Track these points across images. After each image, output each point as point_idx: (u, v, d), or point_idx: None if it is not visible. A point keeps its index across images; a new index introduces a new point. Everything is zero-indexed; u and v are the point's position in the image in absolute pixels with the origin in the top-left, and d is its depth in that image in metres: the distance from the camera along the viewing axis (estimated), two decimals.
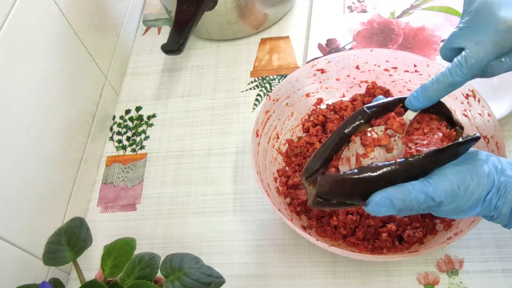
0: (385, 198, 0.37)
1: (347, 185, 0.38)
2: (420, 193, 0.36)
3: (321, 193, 0.39)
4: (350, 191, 0.38)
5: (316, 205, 0.40)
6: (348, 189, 0.38)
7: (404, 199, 0.36)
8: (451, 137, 0.41)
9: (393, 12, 0.75)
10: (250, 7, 0.72)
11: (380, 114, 0.44)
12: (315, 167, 0.42)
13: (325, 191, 0.39)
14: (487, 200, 0.37)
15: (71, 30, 0.61)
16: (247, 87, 0.72)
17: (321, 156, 0.42)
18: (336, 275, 0.53)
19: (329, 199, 0.39)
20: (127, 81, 0.77)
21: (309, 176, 0.42)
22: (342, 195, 0.39)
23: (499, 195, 0.37)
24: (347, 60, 0.60)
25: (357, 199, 0.38)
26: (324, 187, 0.38)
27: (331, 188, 0.38)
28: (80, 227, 0.46)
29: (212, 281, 0.43)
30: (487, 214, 0.38)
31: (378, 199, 0.37)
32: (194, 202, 0.62)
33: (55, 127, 0.57)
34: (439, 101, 0.42)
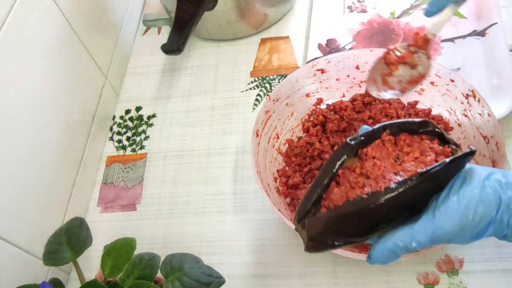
0: (386, 251, 0.35)
1: (335, 223, 0.36)
2: (423, 234, 0.34)
3: (312, 236, 0.37)
4: (340, 229, 0.36)
5: (312, 249, 0.38)
6: (337, 227, 0.36)
7: (407, 247, 0.34)
8: (446, 153, 0.38)
9: (393, 12, 0.75)
10: (250, 7, 0.72)
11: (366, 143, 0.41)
12: (306, 208, 0.39)
13: (315, 233, 0.37)
14: (498, 219, 0.34)
15: (71, 30, 0.61)
16: (247, 87, 0.72)
17: (310, 197, 0.40)
18: (336, 275, 0.53)
19: (322, 240, 0.37)
20: (127, 81, 0.77)
21: (301, 219, 0.39)
22: (333, 235, 0.37)
23: (510, 212, 0.34)
24: (347, 60, 0.60)
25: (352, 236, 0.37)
26: (312, 230, 0.37)
27: (320, 229, 0.37)
28: (80, 227, 0.46)
29: (212, 281, 0.43)
30: (500, 234, 0.35)
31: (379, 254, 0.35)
32: (194, 202, 0.62)
33: (55, 127, 0.57)
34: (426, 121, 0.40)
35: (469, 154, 0.35)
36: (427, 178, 0.34)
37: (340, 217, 0.36)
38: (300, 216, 0.40)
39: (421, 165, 0.37)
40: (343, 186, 0.39)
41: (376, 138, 0.41)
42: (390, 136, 0.40)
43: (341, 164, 0.40)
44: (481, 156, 0.51)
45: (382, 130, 0.41)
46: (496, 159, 0.48)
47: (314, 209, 0.39)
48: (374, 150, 0.40)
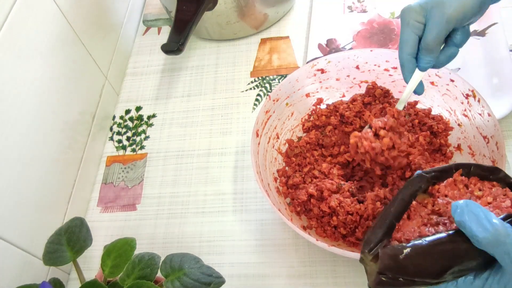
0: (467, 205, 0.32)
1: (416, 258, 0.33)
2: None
3: (384, 269, 0.33)
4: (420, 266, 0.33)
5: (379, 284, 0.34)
6: (417, 263, 0.33)
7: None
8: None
9: (393, 12, 0.75)
10: (250, 7, 0.72)
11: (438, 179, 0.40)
12: (377, 237, 0.36)
13: (388, 267, 0.33)
14: None
15: (71, 30, 0.61)
16: (247, 87, 0.72)
17: (383, 225, 0.37)
18: (336, 275, 0.53)
19: (394, 277, 0.33)
20: (127, 81, 0.77)
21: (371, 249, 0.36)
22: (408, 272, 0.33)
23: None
24: (347, 60, 0.60)
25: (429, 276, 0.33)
26: (387, 262, 0.33)
27: (394, 263, 0.33)
28: (80, 227, 0.46)
29: (212, 281, 0.43)
30: None
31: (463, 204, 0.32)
32: (194, 202, 0.62)
33: (55, 127, 0.57)
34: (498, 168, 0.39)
35: None
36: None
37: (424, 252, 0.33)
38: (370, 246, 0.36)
39: (497, 210, 0.36)
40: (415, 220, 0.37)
41: (448, 176, 0.40)
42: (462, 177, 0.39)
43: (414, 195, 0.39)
44: (481, 156, 0.51)
45: (454, 169, 0.40)
46: (496, 159, 0.48)
47: (386, 241, 0.36)
48: (446, 188, 0.39)
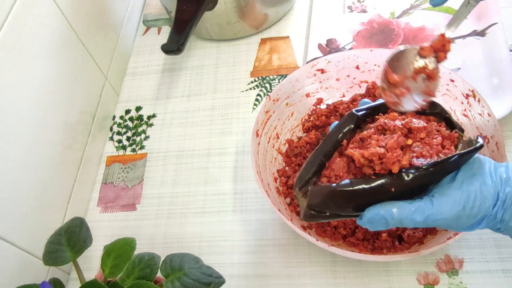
0: (379, 216, 0.35)
1: (339, 197, 0.36)
2: (420, 214, 0.35)
3: (313, 205, 0.37)
4: (343, 203, 0.37)
5: (309, 218, 0.38)
6: (340, 200, 0.36)
7: (401, 219, 0.35)
8: (453, 139, 0.38)
9: (393, 12, 0.75)
10: (250, 7, 0.72)
11: (369, 116, 0.42)
12: (308, 175, 0.40)
13: (317, 203, 0.37)
14: (493, 213, 0.35)
15: (71, 30, 0.61)
16: (247, 87, 0.72)
17: (313, 164, 0.40)
18: (336, 275, 0.53)
19: (321, 210, 0.37)
20: (127, 81, 0.77)
21: (302, 186, 0.40)
22: (334, 207, 0.37)
23: (505, 208, 0.35)
24: (347, 60, 0.60)
25: (351, 211, 0.37)
26: (315, 198, 0.37)
27: (322, 199, 0.37)
28: (80, 227, 0.46)
29: (212, 281, 0.43)
30: (493, 227, 0.36)
31: (371, 216, 0.35)
32: (194, 202, 0.62)
33: (55, 127, 0.57)
34: (434, 102, 0.40)
35: (477, 149, 0.36)
36: (437, 169, 0.35)
37: (346, 192, 0.36)
38: (301, 183, 0.40)
39: (427, 147, 0.37)
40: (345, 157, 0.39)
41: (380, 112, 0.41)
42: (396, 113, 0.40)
43: (347, 132, 0.40)
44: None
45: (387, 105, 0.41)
46: (496, 159, 0.48)
47: (316, 178, 0.39)
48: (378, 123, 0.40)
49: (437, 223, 0.35)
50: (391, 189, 0.35)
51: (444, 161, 0.35)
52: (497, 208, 0.35)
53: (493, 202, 0.35)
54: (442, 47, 0.39)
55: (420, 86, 0.40)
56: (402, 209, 0.35)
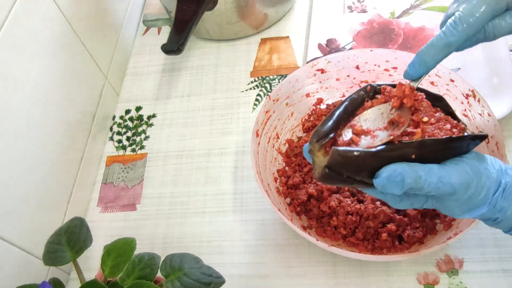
0: (397, 173, 0.34)
1: (363, 159, 0.35)
2: (434, 175, 0.35)
3: (333, 165, 0.36)
4: (364, 167, 0.36)
5: (324, 178, 0.37)
6: (362, 163, 0.36)
7: (416, 179, 0.34)
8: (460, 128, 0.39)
9: (393, 12, 0.75)
10: (250, 7, 0.72)
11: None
12: (327, 130, 0.39)
13: (338, 164, 0.36)
14: (494, 199, 0.36)
15: (71, 30, 0.61)
16: (247, 87, 0.72)
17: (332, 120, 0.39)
18: (336, 275, 0.53)
19: (339, 172, 0.36)
20: (127, 81, 0.77)
21: (320, 138, 0.39)
22: (354, 170, 0.36)
23: (505, 196, 0.36)
24: (347, 60, 0.60)
25: (368, 176, 0.36)
26: (336, 158, 0.36)
27: (345, 161, 0.35)
28: (80, 227, 0.46)
29: (212, 281, 0.43)
30: (492, 216, 0.37)
31: (389, 173, 0.34)
32: (194, 202, 0.62)
33: (55, 127, 0.57)
34: (440, 96, 0.41)
35: (484, 136, 0.37)
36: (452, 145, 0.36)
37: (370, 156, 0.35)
38: (319, 136, 0.39)
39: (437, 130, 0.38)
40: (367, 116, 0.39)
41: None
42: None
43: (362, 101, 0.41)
44: None
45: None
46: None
47: (335, 132, 0.39)
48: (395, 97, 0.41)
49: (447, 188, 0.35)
50: (412, 156, 0.36)
51: (459, 138, 0.36)
52: (498, 194, 0.36)
53: (496, 186, 0.36)
54: (403, 94, 0.40)
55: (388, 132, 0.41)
56: (417, 168, 0.35)
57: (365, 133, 0.40)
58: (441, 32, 0.38)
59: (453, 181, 0.35)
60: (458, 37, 0.37)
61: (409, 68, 0.41)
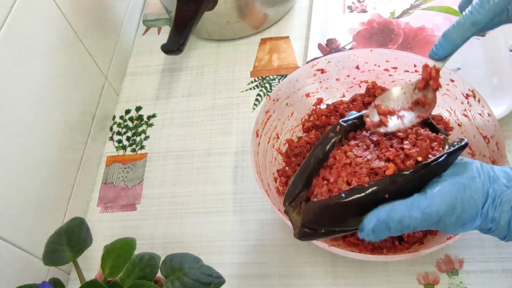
0: (380, 222, 0.34)
1: (334, 210, 0.35)
2: (417, 210, 0.34)
3: (307, 222, 0.36)
4: (338, 217, 0.36)
5: (304, 236, 0.37)
6: (336, 214, 0.35)
7: (401, 220, 0.34)
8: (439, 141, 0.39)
9: (393, 12, 0.75)
10: (250, 7, 0.72)
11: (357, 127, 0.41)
12: (297, 189, 0.39)
13: (311, 220, 0.36)
14: (484, 212, 0.35)
15: (71, 30, 0.61)
16: (247, 87, 0.72)
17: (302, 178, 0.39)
18: (336, 275, 0.53)
19: (316, 228, 0.36)
20: (127, 81, 0.77)
21: (292, 200, 0.39)
22: (330, 222, 0.36)
23: (495, 206, 0.35)
24: (347, 60, 0.60)
25: (347, 225, 0.36)
26: (309, 215, 0.36)
27: (317, 216, 0.36)
28: (80, 227, 0.46)
29: (212, 281, 0.43)
30: (485, 227, 0.36)
31: (373, 225, 0.34)
32: (194, 202, 0.62)
33: (55, 127, 0.57)
34: None
35: (464, 147, 0.36)
36: (428, 170, 0.35)
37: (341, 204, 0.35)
38: (291, 197, 0.39)
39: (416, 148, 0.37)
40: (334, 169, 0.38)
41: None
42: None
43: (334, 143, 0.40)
44: (481, 156, 0.51)
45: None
46: (496, 159, 0.48)
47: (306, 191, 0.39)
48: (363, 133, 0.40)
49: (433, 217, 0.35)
50: (385, 196, 0.35)
51: (434, 161, 0.35)
52: (488, 205, 0.35)
53: (483, 198, 0.35)
54: (429, 76, 0.40)
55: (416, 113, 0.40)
56: (399, 207, 0.34)
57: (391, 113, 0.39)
58: (467, 11, 0.38)
59: (437, 209, 0.34)
60: (484, 16, 0.37)
61: (436, 48, 0.40)
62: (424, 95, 0.39)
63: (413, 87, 0.41)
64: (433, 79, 0.40)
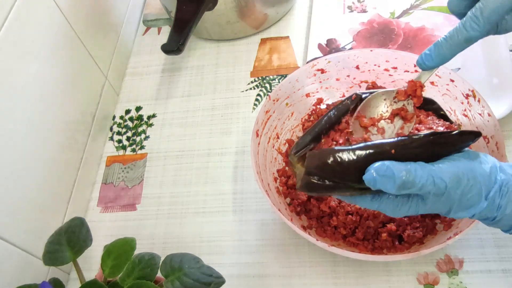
0: (386, 167, 0.33)
1: (339, 161, 0.33)
2: (424, 170, 0.33)
3: (311, 168, 0.34)
4: (343, 169, 0.34)
5: (306, 186, 0.35)
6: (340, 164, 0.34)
7: (407, 172, 0.33)
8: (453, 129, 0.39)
9: (393, 12, 0.75)
10: (250, 7, 0.72)
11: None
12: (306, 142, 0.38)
13: (315, 166, 0.34)
14: (490, 198, 0.35)
15: (71, 30, 0.61)
16: (247, 87, 0.72)
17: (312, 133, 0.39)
18: (336, 275, 0.53)
19: (320, 178, 0.34)
20: (127, 81, 0.77)
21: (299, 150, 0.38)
22: (335, 173, 0.34)
23: (502, 194, 0.35)
24: (347, 60, 0.60)
25: (352, 178, 0.34)
26: (314, 161, 0.34)
27: (321, 163, 0.34)
28: (80, 227, 0.46)
29: (212, 281, 0.43)
30: (490, 215, 0.36)
31: (378, 166, 0.33)
32: (194, 202, 0.62)
33: (55, 127, 0.57)
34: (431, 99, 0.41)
35: (478, 134, 0.36)
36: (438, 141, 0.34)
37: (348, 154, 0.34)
38: (297, 148, 0.38)
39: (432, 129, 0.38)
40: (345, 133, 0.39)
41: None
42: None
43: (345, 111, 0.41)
44: None
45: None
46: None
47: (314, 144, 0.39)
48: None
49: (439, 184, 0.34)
50: (391, 151, 0.34)
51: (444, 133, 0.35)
52: (495, 192, 0.35)
53: (490, 183, 0.35)
54: (414, 92, 0.40)
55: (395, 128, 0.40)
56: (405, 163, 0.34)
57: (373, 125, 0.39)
58: (461, 25, 0.37)
59: (443, 176, 0.34)
60: (479, 32, 0.37)
61: (425, 58, 0.39)
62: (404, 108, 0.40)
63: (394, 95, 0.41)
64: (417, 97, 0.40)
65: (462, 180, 0.34)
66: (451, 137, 0.35)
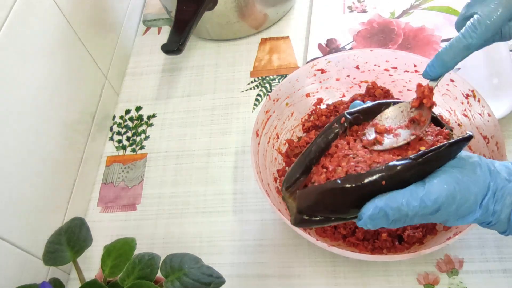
0: (378, 210, 0.34)
1: (329, 196, 0.34)
2: (415, 199, 0.34)
3: (302, 207, 0.36)
4: (334, 204, 0.35)
5: (299, 223, 0.36)
6: (331, 201, 0.35)
7: (399, 208, 0.34)
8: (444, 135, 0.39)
9: (393, 12, 0.75)
10: (250, 7, 0.72)
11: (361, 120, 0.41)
12: (296, 175, 0.39)
13: (307, 206, 0.35)
14: (484, 205, 0.35)
15: (71, 30, 0.61)
16: (247, 87, 0.72)
17: (301, 164, 0.39)
18: (336, 275, 0.53)
19: (312, 215, 0.36)
20: (127, 81, 0.77)
21: (290, 186, 0.38)
22: (325, 209, 0.35)
23: (496, 199, 0.35)
24: (347, 60, 0.60)
25: (343, 212, 0.35)
26: (304, 201, 0.35)
27: (312, 202, 0.35)
28: (80, 227, 0.46)
29: (212, 281, 0.43)
30: (485, 220, 0.36)
31: (371, 212, 0.34)
32: (194, 202, 0.62)
33: (55, 127, 0.57)
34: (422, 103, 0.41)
35: (468, 139, 0.36)
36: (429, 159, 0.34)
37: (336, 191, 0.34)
38: (288, 183, 0.39)
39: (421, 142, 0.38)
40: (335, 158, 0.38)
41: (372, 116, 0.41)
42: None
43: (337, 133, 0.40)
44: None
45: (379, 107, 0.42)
46: (496, 159, 0.48)
47: (304, 178, 0.38)
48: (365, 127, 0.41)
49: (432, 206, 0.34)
50: (382, 182, 0.34)
51: (433, 151, 0.35)
52: (488, 199, 0.35)
53: (484, 191, 0.35)
54: (423, 94, 0.40)
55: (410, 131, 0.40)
56: (397, 195, 0.34)
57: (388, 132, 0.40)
58: (460, 34, 0.39)
59: (435, 197, 0.34)
60: (477, 40, 0.38)
61: (428, 69, 0.41)
62: (420, 113, 0.40)
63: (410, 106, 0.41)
64: (426, 97, 0.40)
65: (456, 196, 0.35)
66: (441, 152, 0.35)
